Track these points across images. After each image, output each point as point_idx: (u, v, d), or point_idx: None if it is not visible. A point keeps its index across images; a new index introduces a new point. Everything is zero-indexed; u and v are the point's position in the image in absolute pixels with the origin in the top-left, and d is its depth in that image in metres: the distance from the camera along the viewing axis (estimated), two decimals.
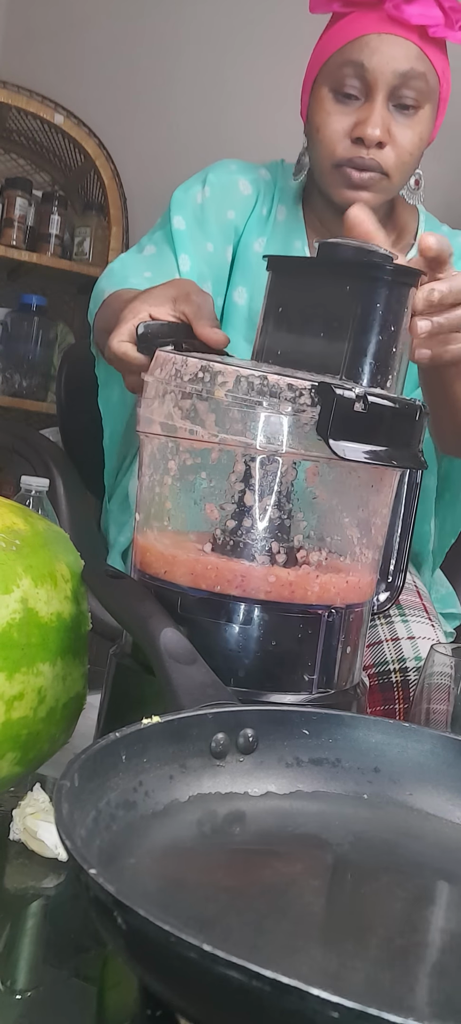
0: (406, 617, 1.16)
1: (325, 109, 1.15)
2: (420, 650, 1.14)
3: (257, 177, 1.31)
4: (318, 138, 1.17)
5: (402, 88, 1.13)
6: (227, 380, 0.65)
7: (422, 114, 1.16)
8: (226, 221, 1.28)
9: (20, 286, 2.69)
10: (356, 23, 1.13)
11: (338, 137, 1.15)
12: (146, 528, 0.71)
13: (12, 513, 0.69)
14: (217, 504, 0.66)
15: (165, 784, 0.52)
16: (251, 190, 1.29)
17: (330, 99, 1.15)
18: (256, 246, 1.29)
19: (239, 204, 1.28)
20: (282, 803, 0.55)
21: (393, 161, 1.15)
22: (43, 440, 1.74)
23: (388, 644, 1.14)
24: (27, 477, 1.00)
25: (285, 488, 0.65)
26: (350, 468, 0.67)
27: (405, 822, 0.56)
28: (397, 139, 1.15)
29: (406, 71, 1.12)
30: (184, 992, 0.37)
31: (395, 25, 1.11)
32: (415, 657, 1.13)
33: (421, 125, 1.16)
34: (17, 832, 0.61)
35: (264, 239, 1.29)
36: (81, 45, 2.64)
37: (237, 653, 0.65)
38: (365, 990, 0.39)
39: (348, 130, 1.14)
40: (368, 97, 1.13)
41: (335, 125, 1.15)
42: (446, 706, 0.74)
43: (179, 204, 1.28)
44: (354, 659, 0.70)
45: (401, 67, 1.12)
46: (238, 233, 1.29)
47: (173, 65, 2.55)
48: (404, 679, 1.13)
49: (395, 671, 1.13)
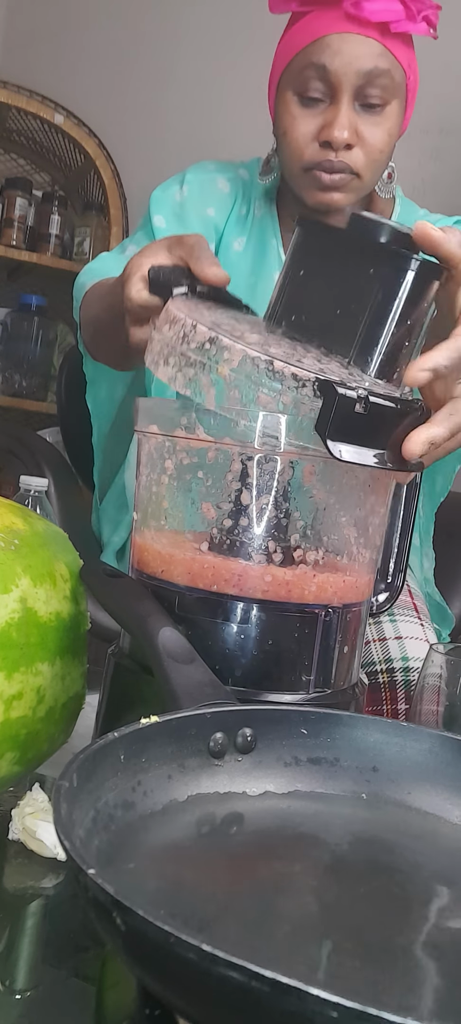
0: (394, 617, 1.16)
1: (291, 113, 1.14)
2: (407, 650, 1.14)
3: (235, 176, 1.31)
4: (286, 142, 1.16)
5: (367, 87, 1.11)
6: (233, 358, 0.64)
7: (389, 111, 1.14)
8: (207, 218, 1.28)
9: (20, 286, 2.69)
10: (316, 23, 1.11)
11: (305, 141, 1.14)
12: (143, 527, 0.71)
13: (11, 513, 0.69)
14: (214, 503, 0.66)
15: (164, 784, 0.52)
16: (230, 188, 1.29)
17: (295, 103, 1.14)
18: (236, 245, 1.28)
19: (218, 202, 1.28)
20: (280, 803, 0.55)
21: (363, 161, 1.14)
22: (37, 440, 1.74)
23: (375, 644, 1.14)
24: (26, 477, 1.00)
25: (282, 487, 0.65)
26: (347, 467, 0.67)
27: (403, 821, 0.56)
28: (365, 138, 1.13)
29: (370, 70, 1.11)
30: (183, 992, 0.37)
31: (355, 24, 1.09)
32: (402, 657, 1.13)
33: (389, 121, 1.15)
34: (16, 832, 0.61)
35: (243, 238, 1.29)
36: (81, 45, 2.65)
37: (234, 652, 0.65)
38: (364, 990, 0.39)
39: (315, 133, 1.13)
40: (333, 99, 1.12)
41: (302, 129, 1.14)
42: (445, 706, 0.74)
43: (158, 203, 1.28)
44: (352, 659, 0.70)
45: (364, 66, 1.10)
46: (219, 231, 1.29)
47: (173, 65, 2.55)
48: (391, 679, 1.13)
49: (382, 671, 1.14)
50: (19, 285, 2.70)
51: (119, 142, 2.56)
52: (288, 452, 0.65)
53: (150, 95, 2.58)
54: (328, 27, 1.10)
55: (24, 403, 2.59)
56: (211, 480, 0.66)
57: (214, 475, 0.66)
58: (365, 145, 1.14)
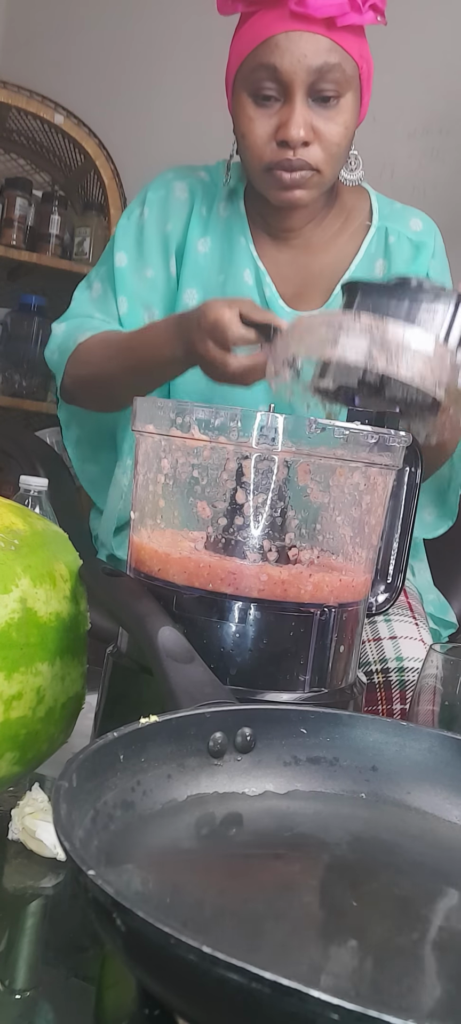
0: (389, 616, 1.16)
1: (247, 115, 1.15)
2: (402, 650, 1.14)
3: (193, 180, 1.31)
4: (245, 144, 1.16)
5: (319, 82, 1.11)
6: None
7: (343, 103, 1.14)
8: (164, 234, 1.30)
9: (20, 286, 2.69)
10: (263, 23, 1.11)
11: (263, 142, 1.14)
12: (141, 526, 0.71)
13: (11, 513, 0.69)
14: (209, 502, 0.66)
15: (163, 783, 0.52)
16: (187, 193, 1.30)
17: (250, 104, 1.14)
18: (200, 246, 1.29)
19: (176, 212, 1.30)
20: (280, 802, 0.55)
21: (321, 156, 1.15)
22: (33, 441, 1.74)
23: (370, 644, 1.14)
24: (26, 477, 1.00)
25: (277, 486, 0.66)
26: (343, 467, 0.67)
27: (403, 821, 0.56)
28: (322, 134, 1.14)
29: (319, 66, 1.11)
30: (183, 993, 0.37)
31: (302, 21, 1.09)
32: (396, 657, 1.14)
33: (345, 114, 1.15)
34: (16, 832, 0.61)
35: (208, 239, 1.30)
36: (81, 45, 2.64)
37: (230, 651, 0.65)
38: (364, 990, 0.39)
39: (272, 133, 1.14)
40: (286, 98, 1.12)
41: (258, 131, 1.14)
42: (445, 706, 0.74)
43: (122, 235, 1.32)
44: (349, 658, 0.70)
45: (314, 63, 1.10)
46: (178, 241, 1.30)
47: (173, 65, 2.55)
48: (386, 680, 1.13)
49: (377, 672, 1.14)
50: (19, 285, 2.70)
51: (119, 142, 2.56)
52: (284, 451, 0.65)
53: (150, 95, 2.58)
54: (275, 26, 1.11)
55: (24, 403, 2.59)
56: (207, 479, 0.66)
57: (210, 474, 0.66)
58: (322, 140, 1.14)
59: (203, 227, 1.30)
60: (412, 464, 0.83)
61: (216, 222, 1.30)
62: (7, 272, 2.70)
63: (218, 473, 0.66)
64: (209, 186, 1.32)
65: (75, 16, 2.66)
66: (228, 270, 1.29)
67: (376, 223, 1.30)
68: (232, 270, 1.29)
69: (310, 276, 1.29)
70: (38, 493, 1.00)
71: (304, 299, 1.29)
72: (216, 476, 0.66)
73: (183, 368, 1.14)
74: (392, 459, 0.70)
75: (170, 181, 1.32)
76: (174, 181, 1.31)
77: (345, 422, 0.72)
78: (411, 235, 1.30)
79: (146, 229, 1.30)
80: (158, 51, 2.58)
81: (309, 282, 1.29)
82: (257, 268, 1.28)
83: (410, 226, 1.30)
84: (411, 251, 1.29)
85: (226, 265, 1.29)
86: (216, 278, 1.29)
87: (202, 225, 1.30)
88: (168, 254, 1.30)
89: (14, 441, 1.67)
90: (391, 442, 0.69)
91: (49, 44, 2.67)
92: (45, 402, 2.61)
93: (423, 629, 1.20)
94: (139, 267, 1.30)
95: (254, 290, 1.28)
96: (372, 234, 1.30)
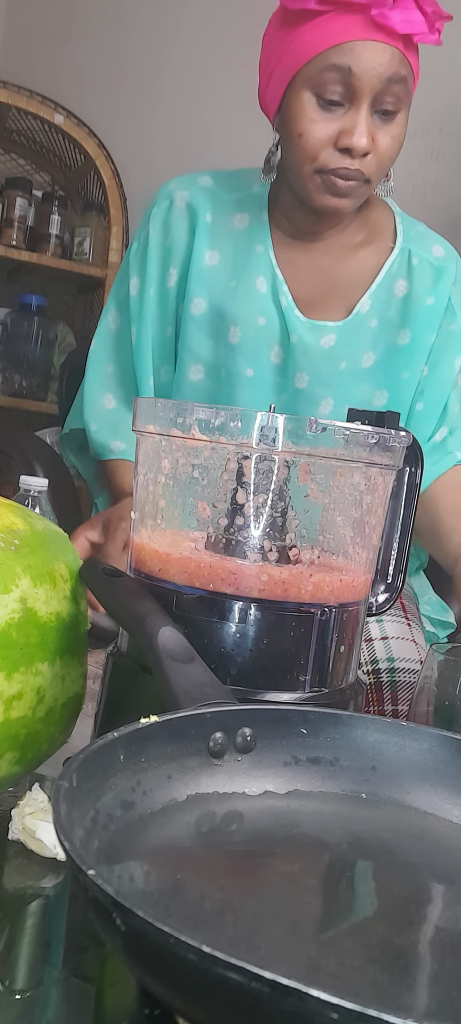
0: (381, 617, 1.17)
1: (308, 116, 1.13)
2: (393, 650, 1.14)
3: (197, 187, 1.31)
4: (301, 144, 1.15)
5: (384, 94, 1.12)
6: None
7: (400, 117, 1.15)
8: (165, 248, 1.31)
9: (20, 286, 2.69)
10: (338, 26, 1.11)
11: (322, 144, 1.13)
12: (141, 526, 0.71)
13: (11, 513, 0.69)
14: (210, 502, 0.66)
15: (163, 784, 0.52)
16: (189, 203, 1.30)
17: (313, 104, 1.13)
18: (207, 254, 1.29)
19: (177, 223, 1.30)
20: (280, 802, 0.55)
21: (374, 168, 1.15)
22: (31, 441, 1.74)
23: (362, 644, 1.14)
24: (26, 477, 1.00)
25: (278, 486, 0.66)
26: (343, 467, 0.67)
27: (403, 821, 0.56)
28: (379, 146, 1.14)
29: (390, 76, 1.11)
30: (183, 993, 0.37)
31: (381, 32, 1.10)
32: (387, 658, 1.14)
33: (399, 128, 1.16)
34: (16, 832, 0.61)
35: (216, 246, 1.29)
36: (81, 45, 2.65)
37: (231, 651, 0.65)
38: (364, 990, 0.39)
39: (333, 138, 1.13)
40: (353, 104, 1.12)
41: (319, 134, 1.13)
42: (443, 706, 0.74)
43: (134, 261, 1.34)
44: (349, 658, 0.70)
45: (386, 73, 1.11)
46: (182, 252, 1.30)
47: (173, 65, 2.55)
48: (377, 680, 1.13)
49: (368, 672, 1.14)
50: (19, 285, 2.70)
51: (119, 142, 2.56)
52: (284, 452, 0.65)
53: (150, 95, 2.58)
54: (353, 32, 1.10)
55: (24, 403, 2.59)
56: (207, 479, 0.66)
57: (210, 474, 0.66)
58: (378, 152, 1.15)
59: (209, 235, 1.29)
60: (412, 464, 0.83)
61: (226, 229, 1.29)
62: (7, 272, 2.70)
63: (218, 473, 0.66)
64: (215, 193, 1.30)
65: (75, 16, 2.66)
66: (240, 275, 1.28)
67: (400, 244, 1.30)
68: (244, 275, 1.28)
69: (329, 283, 1.29)
70: (38, 493, 1.00)
71: (322, 307, 1.28)
72: (216, 476, 0.66)
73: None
74: (392, 459, 0.70)
75: (172, 192, 1.31)
76: (175, 192, 1.31)
77: (345, 422, 0.72)
78: (433, 260, 1.30)
79: (150, 248, 1.31)
80: (158, 51, 2.58)
81: (327, 290, 1.29)
82: (274, 276, 1.28)
83: (432, 251, 1.31)
84: (432, 276, 1.29)
85: (238, 272, 1.28)
86: (226, 285, 1.28)
87: (208, 233, 1.29)
88: (166, 266, 1.30)
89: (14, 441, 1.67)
90: (391, 442, 0.69)
91: (49, 44, 2.67)
92: (45, 402, 2.61)
93: (416, 630, 1.21)
94: (145, 288, 1.31)
95: (268, 297, 1.28)
96: (395, 255, 1.30)
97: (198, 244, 1.28)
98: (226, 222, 1.29)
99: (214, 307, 1.28)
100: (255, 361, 1.28)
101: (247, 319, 1.27)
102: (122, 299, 1.35)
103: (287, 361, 1.28)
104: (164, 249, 1.31)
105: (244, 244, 1.29)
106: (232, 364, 1.28)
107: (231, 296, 1.27)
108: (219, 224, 1.29)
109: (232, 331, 1.28)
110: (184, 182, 1.32)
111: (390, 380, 1.29)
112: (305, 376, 1.27)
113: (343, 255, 1.29)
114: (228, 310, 1.27)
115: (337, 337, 1.27)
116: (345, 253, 1.29)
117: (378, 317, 1.28)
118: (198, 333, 1.29)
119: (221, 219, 1.29)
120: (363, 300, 1.28)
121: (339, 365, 1.28)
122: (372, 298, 1.28)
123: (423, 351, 1.29)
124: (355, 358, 1.28)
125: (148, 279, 1.31)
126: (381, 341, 1.28)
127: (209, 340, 1.29)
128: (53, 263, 2.56)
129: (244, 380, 1.28)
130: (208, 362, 1.30)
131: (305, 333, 1.27)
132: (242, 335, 1.27)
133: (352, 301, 1.28)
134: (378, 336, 1.28)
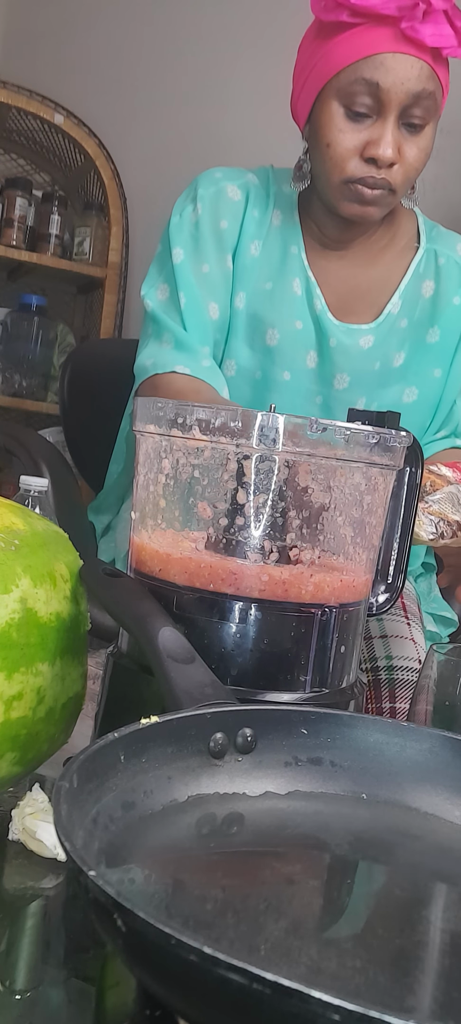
0: (380, 616, 1.17)
1: (336, 126, 1.15)
2: (392, 649, 1.15)
3: (245, 181, 1.31)
4: (329, 154, 1.17)
5: (413, 107, 1.14)
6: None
7: (427, 130, 1.17)
8: (220, 232, 1.29)
9: (20, 286, 2.69)
10: (368, 39, 1.12)
11: (349, 154, 1.15)
12: (141, 526, 0.71)
13: (11, 513, 0.69)
14: (210, 502, 0.66)
15: (164, 784, 0.52)
16: (240, 195, 1.30)
17: (341, 115, 1.15)
18: (252, 249, 1.29)
19: (230, 211, 1.29)
20: (280, 803, 0.55)
21: (401, 179, 1.17)
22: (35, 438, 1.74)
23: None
24: (26, 477, 1.00)
25: (278, 486, 0.65)
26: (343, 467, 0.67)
27: (403, 821, 0.55)
28: (406, 157, 1.16)
29: (419, 91, 1.13)
30: (183, 993, 0.37)
31: (410, 45, 1.11)
32: (386, 656, 1.14)
33: (426, 140, 1.18)
34: (16, 832, 0.61)
35: (259, 242, 1.30)
36: (81, 45, 2.64)
37: (231, 651, 0.65)
38: (365, 991, 0.39)
39: (360, 148, 1.15)
40: (380, 115, 1.13)
41: (347, 143, 1.15)
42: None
43: (176, 232, 1.30)
44: (349, 658, 0.70)
45: (414, 87, 1.12)
46: (234, 240, 1.30)
47: (173, 65, 2.55)
48: (376, 678, 1.14)
49: (366, 671, 1.14)
50: (19, 285, 2.70)
51: (119, 142, 2.56)
52: (284, 452, 0.65)
53: (150, 95, 2.58)
54: (383, 45, 1.11)
55: (24, 403, 2.59)
56: (207, 479, 0.66)
57: (210, 475, 0.66)
58: (404, 164, 1.16)
59: (256, 230, 1.30)
60: (412, 464, 0.83)
61: (268, 228, 1.30)
62: (7, 272, 2.70)
63: (219, 473, 0.66)
64: (259, 189, 1.32)
65: (75, 16, 2.65)
66: (277, 278, 1.29)
67: (424, 244, 1.33)
68: (281, 279, 1.29)
69: (358, 289, 1.31)
70: (38, 493, 1.00)
71: (353, 312, 1.30)
72: (217, 476, 0.66)
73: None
74: (393, 459, 0.70)
75: (220, 180, 1.31)
76: (224, 181, 1.30)
77: (345, 422, 0.72)
78: (458, 259, 1.33)
79: (201, 223, 1.29)
80: (158, 51, 2.57)
81: (358, 295, 1.31)
82: (308, 279, 1.29)
83: (457, 250, 1.34)
84: (459, 275, 1.32)
85: (275, 273, 1.29)
86: (262, 285, 1.29)
87: (255, 228, 1.30)
88: (224, 251, 1.29)
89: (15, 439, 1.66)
90: (392, 442, 0.69)
91: (49, 44, 2.66)
92: (45, 402, 2.61)
93: (415, 629, 1.21)
94: (195, 262, 1.29)
95: (303, 300, 1.29)
96: (421, 255, 1.32)
97: (244, 236, 1.29)
98: (267, 218, 1.31)
99: (250, 311, 1.29)
100: (292, 365, 1.29)
101: (285, 322, 1.28)
102: (170, 270, 1.31)
103: (324, 364, 1.29)
104: (218, 232, 1.29)
105: (280, 242, 1.30)
106: (269, 367, 1.29)
107: (268, 298, 1.28)
108: (263, 220, 1.30)
109: (270, 333, 1.28)
110: (232, 174, 1.32)
111: (420, 378, 1.32)
112: (346, 377, 1.30)
113: (370, 260, 1.31)
114: (265, 312, 1.28)
115: (375, 338, 1.30)
116: (372, 257, 1.31)
117: (407, 317, 1.31)
118: (238, 341, 1.29)
119: (265, 215, 1.31)
120: (393, 300, 1.30)
121: (374, 365, 1.30)
122: (402, 298, 1.31)
123: (452, 347, 1.32)
124: (388, 358, 1.31)
125: (201, 255, 1.28)
126: (410, 340, 1.31)
127: (244, 343, 1.29)
128: (53, 263, 2.56)
129: (282, 385, 1.29)
130: (241, 364, 1.30)
131: (342, 336, 1.29)
132: (280, 338, 1.28)
133: (380, 303, 1.31)
134: (407, 335, 1.31)
